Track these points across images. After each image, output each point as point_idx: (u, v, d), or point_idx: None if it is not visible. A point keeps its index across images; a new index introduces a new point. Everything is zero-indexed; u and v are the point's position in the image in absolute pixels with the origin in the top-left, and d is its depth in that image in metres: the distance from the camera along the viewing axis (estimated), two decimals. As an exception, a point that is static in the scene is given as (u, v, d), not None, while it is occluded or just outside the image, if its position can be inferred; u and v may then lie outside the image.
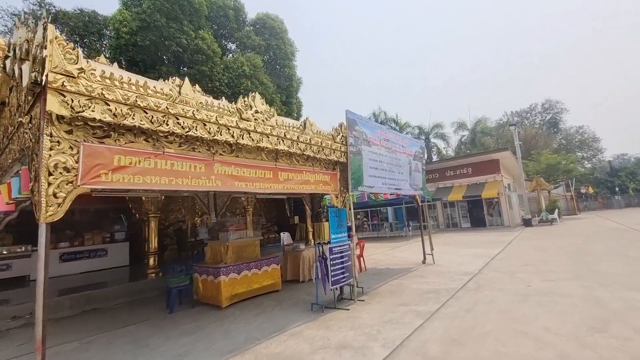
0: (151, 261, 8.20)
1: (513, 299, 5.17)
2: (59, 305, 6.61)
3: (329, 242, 5.60)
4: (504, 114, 45.54)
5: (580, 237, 12.73)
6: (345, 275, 5.75)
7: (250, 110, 4.24)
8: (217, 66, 17.86)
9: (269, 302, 6.14)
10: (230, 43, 22.28)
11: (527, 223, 19.22)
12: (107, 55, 17.90)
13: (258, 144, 4.26)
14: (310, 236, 13.21)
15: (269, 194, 8.77)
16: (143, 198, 8.28)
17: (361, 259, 8.86)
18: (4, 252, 8.65)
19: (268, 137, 4.41)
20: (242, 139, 4.05)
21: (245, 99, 4.27)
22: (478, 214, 21.79)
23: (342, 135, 6.00)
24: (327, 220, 15.68)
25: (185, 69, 17.54)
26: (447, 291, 5.91)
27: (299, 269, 7.88)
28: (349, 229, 15.09)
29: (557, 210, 21.37)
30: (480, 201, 21.18)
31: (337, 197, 5.95)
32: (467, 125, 34.33)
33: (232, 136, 3.93)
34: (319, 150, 5.36)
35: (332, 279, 5.39)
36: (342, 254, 5.78)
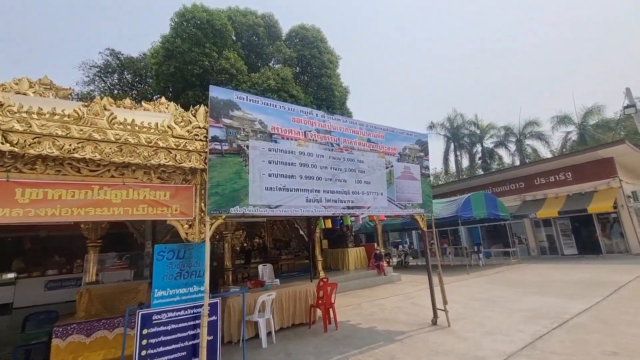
0: (85, 299, 7.06)
1: None
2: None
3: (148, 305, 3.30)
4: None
5: None
6: (188, 363, 3.32)
7: None
8: (242, 84, 17.30)
9: (115, 386, 4.09)
10: (271, 61, 21.89)
11: (674, 250, 12.48)
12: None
13: None
14: (320, 267, 10.71)
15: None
16: (82, 225, 7.35)
17: (330, 310, 6.05)
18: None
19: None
20: None
21: None
22: (588, 235, 15.46)
23: (198, 126, 3.73)
24: (354, 245, 12.86)
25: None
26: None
27: (223, 324, 5.59)
28: (379, 257, 11.97)
29: None
30: (589, 217, 14.99)
31: (190, 226, 3.64)
32: (573, 119, 26.44)
33: None
34: (129, 152, 3.24)
35: (142, 375, 3.05)
36: (189, 324, 3.39)
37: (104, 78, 23.78)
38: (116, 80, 24.15)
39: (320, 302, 6.22)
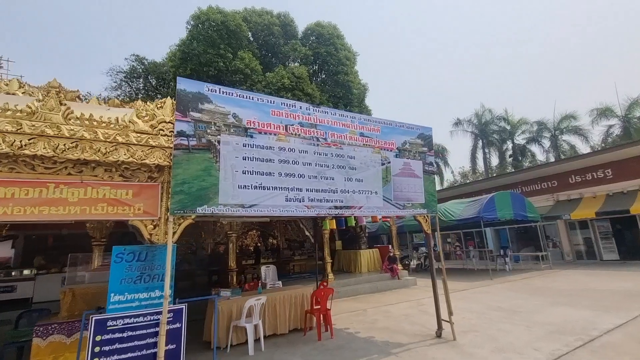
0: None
1: None
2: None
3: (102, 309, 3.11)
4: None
5: None
6: (146, 373, 3.09)
7: None
8: (257, 84, 17.29)
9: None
10: (288, 60, 21.79)
11: None
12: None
13: None
14: (329, 268, 10.35)
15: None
16: (87, 225, 7.47)
17: (324, 316, 5.67)
18: (12, 274, 9.32)
19: None
20: None
21: None
22: (632, 238, 13.93)
23: (164, 120, 3.52)
24: (367, 247, 12.31)
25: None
26: None
27: (210, 328, 5.38)
28: (393, 259, 11.41)
29: None
30: (632, 219, 13.48)
31: (155, 226, 3.43)
32: (616, 111, 24.15)
33: None
34: (85, 148, 3.07)
35: (91, 385, 2.86)
36: (149, 331, 3.16)
37: (130, 83, 24.78)
38: (141, 85, 25.11)
39: (316, 307, 5.86)
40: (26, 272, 9.48)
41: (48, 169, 3.08)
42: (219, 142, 3.69)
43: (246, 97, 4.03)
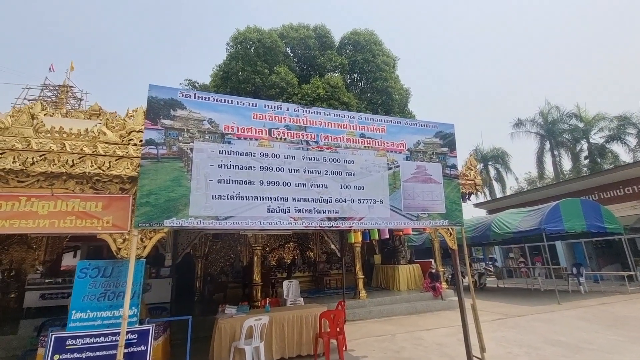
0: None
1: None
2: None
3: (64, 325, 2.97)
4: None
5: None
6: (103, 399, 2.87)
7: None
8: (293, 96, 17.47)
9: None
10: (325, 71, 21.77)
11: None
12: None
13: None
14: (360, 285, 9.65)
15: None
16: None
17: (334, 341, 5.07)
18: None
19: None
20: None
21: None
22: None
23: (133, 130, 3.40)
24: (407, 262, 11.32)
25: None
26: None
27: (212, 348, 5.11)
28: (436, 277, 10.27)
29: None
30: None
31: (124, 240, 3.28)
32: None
33: None
34: (53, 160, 3.06)
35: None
36: (110, 353, 2.96)
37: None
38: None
39: (328, 330, 5.28)
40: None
41: (21, 182, 3.12)
42: (191, 149, 3.46)
43: (224, 101, 3.78)
